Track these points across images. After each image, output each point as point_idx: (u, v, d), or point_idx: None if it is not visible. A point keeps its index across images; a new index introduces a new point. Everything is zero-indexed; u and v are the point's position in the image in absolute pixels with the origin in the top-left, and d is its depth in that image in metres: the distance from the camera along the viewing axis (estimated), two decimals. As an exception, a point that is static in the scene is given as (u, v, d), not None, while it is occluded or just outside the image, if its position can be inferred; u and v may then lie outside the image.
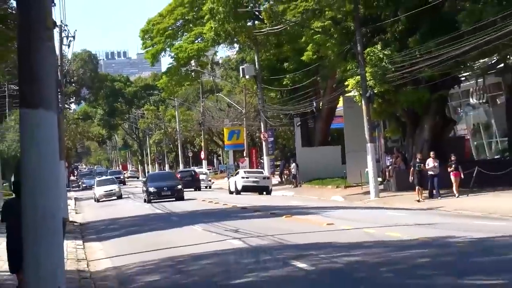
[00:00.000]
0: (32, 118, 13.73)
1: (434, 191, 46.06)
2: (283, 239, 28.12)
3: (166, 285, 20.38)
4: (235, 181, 76.65)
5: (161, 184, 69.39)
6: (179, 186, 69.49)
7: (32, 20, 14.00)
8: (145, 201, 68.84)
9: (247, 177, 75.94)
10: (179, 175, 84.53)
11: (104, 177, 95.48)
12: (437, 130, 53.93)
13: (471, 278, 17.23)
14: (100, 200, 77.08)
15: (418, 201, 45.13)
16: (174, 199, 67.59)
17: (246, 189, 74.04)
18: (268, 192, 73.56)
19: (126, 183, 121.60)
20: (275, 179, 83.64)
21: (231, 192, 77.33)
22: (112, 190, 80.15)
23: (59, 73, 53.11)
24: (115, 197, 78.76)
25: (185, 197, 69.66)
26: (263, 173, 79.78)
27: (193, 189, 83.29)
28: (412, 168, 47.51)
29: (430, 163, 45.90)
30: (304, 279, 18.89)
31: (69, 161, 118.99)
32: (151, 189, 68.47)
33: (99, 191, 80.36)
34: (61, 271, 13.89)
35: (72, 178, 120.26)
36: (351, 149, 64.71)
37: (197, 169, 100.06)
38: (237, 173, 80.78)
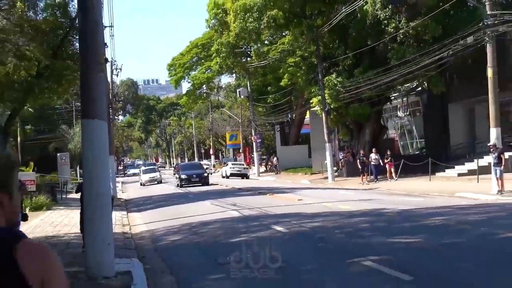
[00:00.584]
0: (90, 125, 13.87)
1: (373, 176, 46.16)
2: (267, 210, 28.19)
3: (185, 243, 20.41)
4: (225, 170, 78.77)
5: (190, 172, 60.26)
6: (205, 174, 60.23)
7: (90, 57, 14.13)
8: (177, 185, 60.15)
9: (233, 167, 79.16)
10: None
11: (148, 167, 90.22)
12: (374, 134, 54.04)
13: (396, 238, 17.31)
14: (146, 184, 72.71)
15: (362, 183, 45.17)
16: (201, 184, 57.77)
17: (232, 175, 75.31)
18: (247, 177, 74.61)
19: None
20: (262, 168, 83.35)
21: (223, 177, 76.90)
22: (154, 176, 75.83)
23: (110, 95, 52.96)
24: (156, 182, 73.50)
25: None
26: (243, 165, 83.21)
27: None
28: (358, 160, 47.65)
29: (373, 156, 45.97)
30: (281, 238, 18.94)
31: (118, 156, 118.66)
32: (183, 176, 59.30)
33: (144, 177, 76.45)
34: (110, 232, 13.98)
35: (119, 168, 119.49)
36: (315, 147, 64.90)
37: (203, 162, 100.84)
38: (226, 164, 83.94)
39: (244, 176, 75.45)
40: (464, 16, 42.89)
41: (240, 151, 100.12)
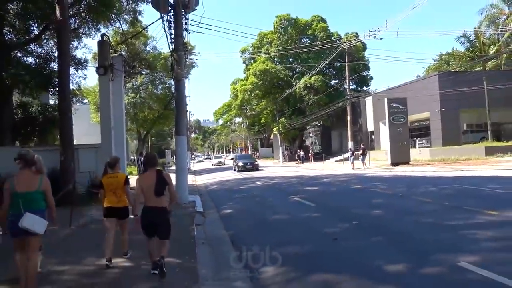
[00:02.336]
0: (179, 138, 13.65)
1: (301, 162, 45.32)
2: (254, 176, 27.84)
3: (218, 188, 20.09)
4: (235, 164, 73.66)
5: (245, 161, 36.60)
6: (256, 162, 36.96)
7: (180, 109, 13.86)
8: (235, 170, 36.26)
9: (239, 161, 69.77)
10: (215, 160, 63.41)
11: (218, 156, 71.45)
12: (300, 143, 53.76)
13: (308, 187, 17.17)
14: (214, 165, 55.64)
15: (297, 165, 44.40)
16: (253, 170, 34.97)
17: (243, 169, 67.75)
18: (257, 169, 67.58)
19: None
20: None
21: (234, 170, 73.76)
22: (220, 161, 57.74)
23: (188, 125, 52.66)
24: (221, 164, 55.09)
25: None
26: (251, 158, 68.94)
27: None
28: (296, 154, 46.45)
29: (301, 153, 45.05)
30: (260, 187, 18.61)
31: (191, 151, 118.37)
32: (240, 164, 35.60)
33: (214, 161, 60.02)
34: (186, 183, 13.81)
35: (192, 156, 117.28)
36: (275, 148, 64.02)
37: (220, 154, 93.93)
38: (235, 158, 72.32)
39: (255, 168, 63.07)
40: (338, 93, 43.01)
41: (243, 149, 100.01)
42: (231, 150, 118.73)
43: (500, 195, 11.28)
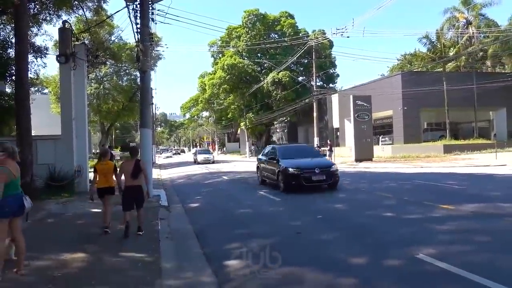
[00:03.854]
0: (144, 131, 13.43)
1: None
2: (220, 170, 27.75)
3: (184, 182, 19.98)
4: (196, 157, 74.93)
5: (204, 155, 39.52)
6: (211, 156, 39.54)
7: (145, 102, 13.61)
8: (195, 163, 38.75)
9: (199, 155, 72.18)
10: (173, 150, 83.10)
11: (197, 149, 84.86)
12: (267, 139, 54.17)
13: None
14: (173, 155, 71.33)
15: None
16: (209, 163, 37.25)
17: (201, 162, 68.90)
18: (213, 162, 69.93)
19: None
20: (219, 152, 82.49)
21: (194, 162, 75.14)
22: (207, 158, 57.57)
23: (153, 118, 51.74)
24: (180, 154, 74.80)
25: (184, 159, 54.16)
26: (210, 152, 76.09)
27: (179, 154, 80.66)
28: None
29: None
30: (226, 182, 18.62)
31: (156, 145, 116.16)
32: (199, 157, 38.70)
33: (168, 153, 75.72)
34: (151, 177, 13.56)
35: (157, 150, 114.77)
36: (241, 143, 63.96)
37: (186, 148, 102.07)
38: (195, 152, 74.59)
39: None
40: (305, 90, 43.47)
41: (210, 144, 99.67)
42: (197, 144, 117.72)
43: (457, 190, 11.67)
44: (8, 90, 19.66)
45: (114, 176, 8.03)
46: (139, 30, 13.29)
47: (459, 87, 31.96)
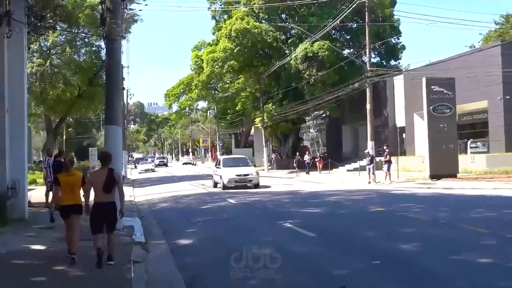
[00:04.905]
0: (111, 129, 13.61)
1: (308, 171, 44.40)
2: (225, 191, 28.06)
3: (170, 207, 20.37)
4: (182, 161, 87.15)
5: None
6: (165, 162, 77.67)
7: (113, 86, 13.82)
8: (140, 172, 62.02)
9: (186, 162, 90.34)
10: (157, 160, 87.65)
11: (160, 158, 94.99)
12: (294, 142, 54.31)
13: (307, 208, 17.34)
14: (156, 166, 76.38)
15: (293, 175, 44.05)
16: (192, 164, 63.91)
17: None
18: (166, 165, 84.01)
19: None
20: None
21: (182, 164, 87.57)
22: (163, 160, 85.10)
23: (125, 111, 52.33)
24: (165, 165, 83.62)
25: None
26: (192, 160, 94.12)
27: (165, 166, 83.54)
28: (294, 159, 45.40)
29: (306, 156, 44.89)
30: (233, 207, 18.90)
31: (128, 151, 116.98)
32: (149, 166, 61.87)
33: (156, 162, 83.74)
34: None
35: (130, 159, 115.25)
36: (257, 149, 64.83)
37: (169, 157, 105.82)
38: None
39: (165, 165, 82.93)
40: (353, 70, 43.33)
41: (209, 150, 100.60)
42: (190, 150, 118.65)
43: None
44: None
45: (82, 191, 8.98)
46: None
47: None
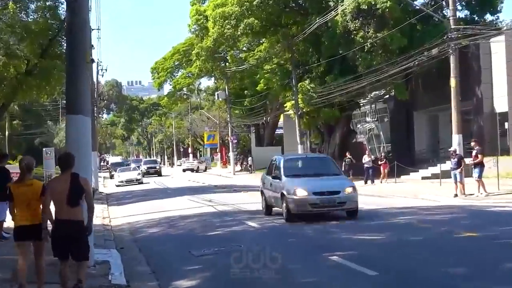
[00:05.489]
0: (74, 121, 13.76)
1: (369, 180, 44.02)
2: (241, 207, 28.33)
3: (161, 233, 20.61)
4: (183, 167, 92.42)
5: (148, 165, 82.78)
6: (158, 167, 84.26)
7: (77, 56, 13.99)
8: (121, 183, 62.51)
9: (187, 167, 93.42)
10: (145, 165, 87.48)
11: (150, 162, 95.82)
12: (344, 137, 54.12)
13: (364, 234, 17.28)
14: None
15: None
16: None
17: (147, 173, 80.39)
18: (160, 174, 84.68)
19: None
20: (238, 167, 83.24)
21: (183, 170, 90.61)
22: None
23: (95, 93, 52.72)
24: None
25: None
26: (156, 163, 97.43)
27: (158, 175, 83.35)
28: (344, 162, 45.70)
29: (366, 158, 44.54)
30: (255, 232, 19.11)
31: (100, 152, 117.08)
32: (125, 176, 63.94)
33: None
34: (90, 225, 13.79)
35: (102, 164, 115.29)
36: (288, 148, 65.01)
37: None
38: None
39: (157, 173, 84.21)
40: (429, 29, 43.02)
41: (217, 150, 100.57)
42: (189, 150, 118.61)
43: None
44: None
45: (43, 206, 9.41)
46: None
47: None
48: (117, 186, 61.25)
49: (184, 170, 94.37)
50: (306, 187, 21.09)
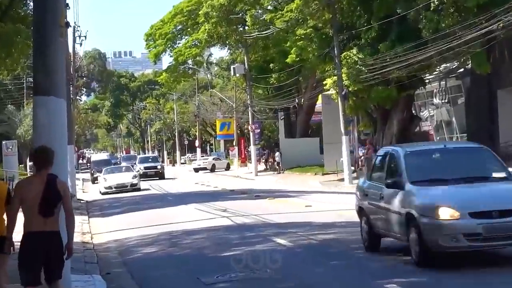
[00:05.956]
0: (44, 105, 13.69)
1: None
2: (266, 218, 28.18)
3: (161, 253, 20.62)
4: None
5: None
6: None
7: (47, 19, 13.94)
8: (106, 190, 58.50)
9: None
10: (140, 165, 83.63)
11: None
12: (404, 125, 53.93)
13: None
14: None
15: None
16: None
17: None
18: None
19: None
20: (261, 166, 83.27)
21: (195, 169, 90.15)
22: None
23: (71, 68, 52.90)
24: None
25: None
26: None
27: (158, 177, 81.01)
28: None
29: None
30: (286, 253, 18.92)
31: (79, 146, 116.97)
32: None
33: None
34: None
35: (81, 161, 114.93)
36: (328, 141, 64.73)
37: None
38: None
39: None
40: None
41: (234, 143, 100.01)
42: (197, 142, 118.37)
43: None
44: None
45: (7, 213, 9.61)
46: None
47: None
48: (103, 193, 58.03)
49: (196, 170, 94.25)
50: (456, 203, 15.23)
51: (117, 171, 66.39)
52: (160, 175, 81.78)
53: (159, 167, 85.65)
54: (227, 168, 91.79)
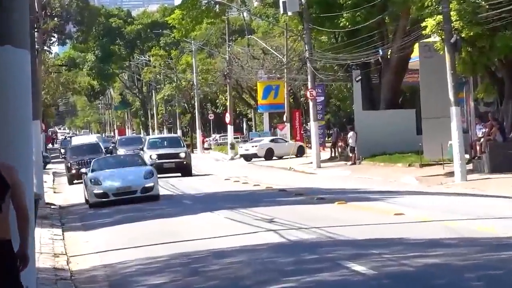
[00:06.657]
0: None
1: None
2: (334, 233, 28.15)
3: (175, 284, 20.56)
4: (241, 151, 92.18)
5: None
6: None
7: None
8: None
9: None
10: (152, 152, 77.92)
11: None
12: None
13: None
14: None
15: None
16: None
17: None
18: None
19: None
20: (326, 153, 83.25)
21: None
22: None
23: (36, 3, 53.27)
24: None
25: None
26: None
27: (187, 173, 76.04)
28: None
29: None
30: (365, 285, 18.96)
31: (47, 123, 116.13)
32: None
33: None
34: (30, 268, 13.81)
35: (50, 146, 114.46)
36: (430, 114, 64.20)
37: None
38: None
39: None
40: None
41: (284, 118, 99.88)
42: (226, 117, 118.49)
43: None
44: None
45: None
46: None
47: None
48: (92, 205, 49.26)
49: (247, 158, 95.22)
50: None
51: (117, 165, 58.17)
52: (185, 170, 78.24)
53: (182, 155, 79.96)
54: (299, 154, 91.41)
